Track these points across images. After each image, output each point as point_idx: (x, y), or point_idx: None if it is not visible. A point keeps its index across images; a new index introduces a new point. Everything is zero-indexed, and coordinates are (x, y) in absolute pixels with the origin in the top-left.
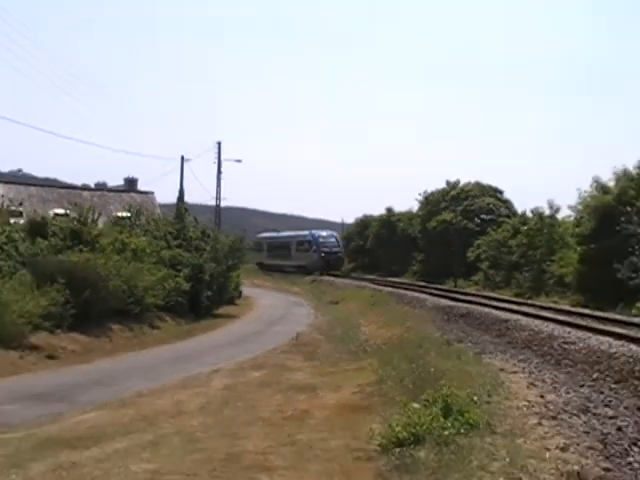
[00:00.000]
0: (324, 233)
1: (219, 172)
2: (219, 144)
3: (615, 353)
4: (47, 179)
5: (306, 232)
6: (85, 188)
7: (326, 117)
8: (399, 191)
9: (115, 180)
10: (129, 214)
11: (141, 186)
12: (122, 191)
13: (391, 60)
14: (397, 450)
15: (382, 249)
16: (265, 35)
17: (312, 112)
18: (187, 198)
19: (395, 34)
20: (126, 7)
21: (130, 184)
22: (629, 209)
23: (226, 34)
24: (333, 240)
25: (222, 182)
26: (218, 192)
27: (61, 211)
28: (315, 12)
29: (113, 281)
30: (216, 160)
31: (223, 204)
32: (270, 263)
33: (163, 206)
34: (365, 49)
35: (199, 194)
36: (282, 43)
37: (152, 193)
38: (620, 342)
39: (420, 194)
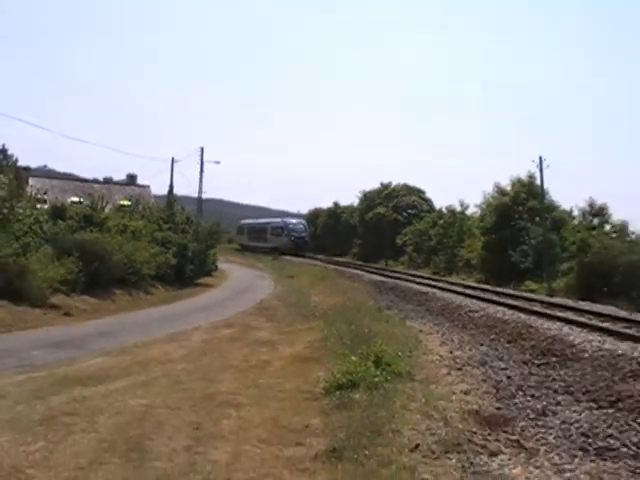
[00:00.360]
0: (294, 220)
1: (201, 171)
2: (202, 149)
3: (508, 320)
4: (66, 174)
5: (279, 219)
6: (96, 181)
7: (284, 129)
8: (344, 189)
9: (119, 175)
10: (130, 203)
11: (140, 181)
12: (125, 184)
13: (334, 75)
14: (338, 392)
15: (329, 235)
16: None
17: (273, 125)
18: (176, 191)
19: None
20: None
21: (131, 179)
22: (521, 208)
23: (209, 60)
24: (301, 227)
25: (204, 179)
26: (200, 187)
27: (77, 199)
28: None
29: (116, 255)
30: (199, 162)
31: (204, 197)
32: (250, 245)
33: (157, 197)
34: (321, 65)
35: (185, 188)
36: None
37: (148, 186)
38: (511, 311)
39: (360, 192)
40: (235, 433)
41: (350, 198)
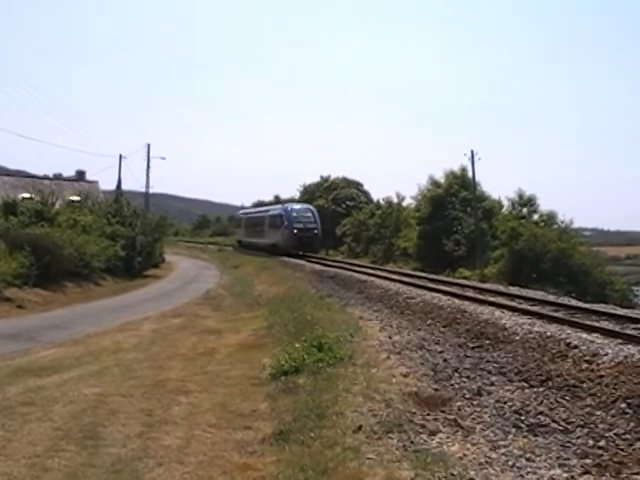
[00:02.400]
0: (297, 207)
1: (148, 167)
2: (148, 145)
3: (443, 305)
4: (17, 170)
5: (279, 206)
6: (46, 178)
7: (228, 123)
8: (285, 181)
9: (69, 172)
10: (79, 198)
11: (89, 177)
12: (74, 180)
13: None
14: (283, 378)
15: None
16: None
17: (215, 118)
18: (123, 186)
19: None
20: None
21: (80, 175)
22: (454, 199)
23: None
24: (309, 215)
25: (150, 174)
26: (147, 182)
27: (27, 195)
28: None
29: (67, 249)
30: (146, 158)
31: (151, 191)
32: (248, 241)
33: (105, 192)
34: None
35: (133, 183)
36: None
37: (97, 182)
38: (447, 297)
39: (301, 185)
40: (186, 418)
41: (291, 191)
